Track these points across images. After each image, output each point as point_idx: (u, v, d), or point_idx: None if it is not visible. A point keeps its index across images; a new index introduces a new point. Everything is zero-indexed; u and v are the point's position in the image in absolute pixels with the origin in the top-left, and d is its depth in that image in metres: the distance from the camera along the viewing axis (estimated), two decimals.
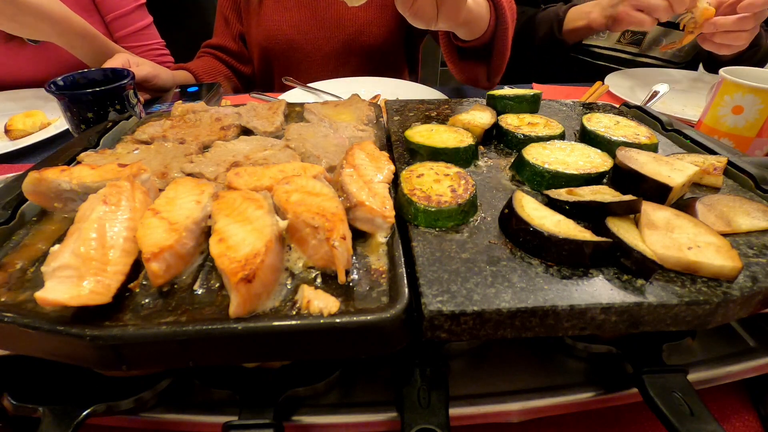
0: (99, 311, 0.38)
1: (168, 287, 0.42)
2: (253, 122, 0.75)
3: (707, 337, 0.55)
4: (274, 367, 0.48)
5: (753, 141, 0.86)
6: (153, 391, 0.45)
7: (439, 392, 0.43)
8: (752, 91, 0.82)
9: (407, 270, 0.43)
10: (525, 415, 0.47)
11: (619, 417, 0.52)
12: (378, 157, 0.58)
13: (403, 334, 0.39)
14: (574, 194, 0.51)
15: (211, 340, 0.37)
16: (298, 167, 0.54)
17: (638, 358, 0.47)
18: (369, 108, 0.81)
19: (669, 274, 0.43)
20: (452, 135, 0.65)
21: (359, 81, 1.38)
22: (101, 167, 0.53)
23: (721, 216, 0.50)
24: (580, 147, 0.62)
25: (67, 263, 0.38)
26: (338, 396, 0.48)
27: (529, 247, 0.45)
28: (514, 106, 0.77)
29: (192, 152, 0.65)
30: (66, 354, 0.38)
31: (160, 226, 0.43)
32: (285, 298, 0.41)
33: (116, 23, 1.41)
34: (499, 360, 0.52)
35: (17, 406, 0.44)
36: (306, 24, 1.47)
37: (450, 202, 0.49)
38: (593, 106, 0.85)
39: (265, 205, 0.45)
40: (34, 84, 1.36)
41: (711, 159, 0.60)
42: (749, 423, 0.51)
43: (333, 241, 0.41)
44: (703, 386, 0.50)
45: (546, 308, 0.39)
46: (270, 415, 0.42)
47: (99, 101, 0.88)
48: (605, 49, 1.60)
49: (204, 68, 1.48)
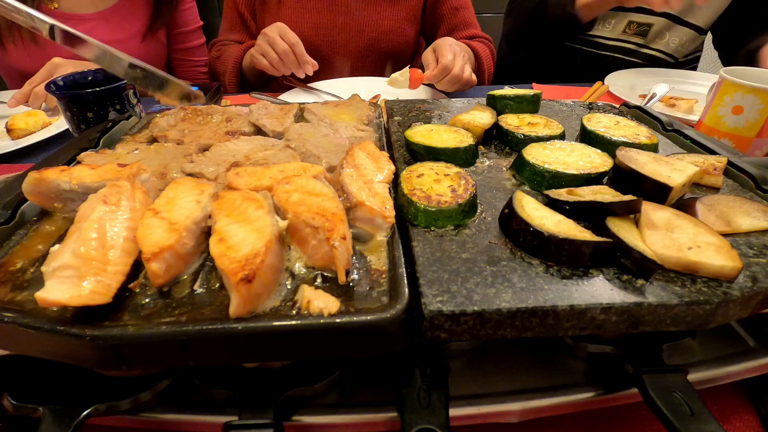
0: (99, 311, 0.38)
1: (168, 287, 0.42)
2: (263, 120, 0.75)
3: (707, 337, 0.55)
4: (274, 367, 0.48)
5: (753, 141, 0.86)
6: (153, 391, 0.45)
7: (439, 392, 0.43)
8: (752, 91, 0.82)
9: (407, 270, 0.43)
10: (525, 415, 0.47)
11: (619, 417, 0.52)
12: (378, 157, 0.58)
13: (403, 334, 0.39)
14: (574, 194, 0.51)
15: (211, 340, 0.37)
16: (298, 167, 0.54)
17: (638, 358, 0.47)
18: (369, 108, 0.81)
19: (669, 274, 0.43)
20: (452, 135, 0.65)
21: (359, 81, 1.38)
22: (101, 167, 0.53)
23: (721, 216, 0.50)
24: (580, 147, 0.62)
25: (67, 263, 0.38)
26: (338, 396, 0.48)
27: (529, 247, 0.45)
28: (514, 106, 0.77)
29: (192, 152, 0.65)
30: (66, 354, 0.38)
31: (160, 226, 0.43)
32: (285, 298, 0.41)
33: (179, 37, 1.64)
34: (499, 360, 0.52)
35: (17, 406, 0.44)
36: (326, 27, 1.49)
37: (450, 202, 0.49)
38: (593, 106, 0.85)
39: (265, 205, 0.45)
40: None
41: (711, 159, 0.60)
42: (749, 423, 0.51)
43: (333, 241, 0.41)
44: (703, 386, 0.50)
45: (546, 308, 0.39)
46: (270, 415, 0.42)
47: (99, 101, 0.88)
48: (610, 40, 1.59)
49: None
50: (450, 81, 1.23)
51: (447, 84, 1.24)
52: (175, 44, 1.64)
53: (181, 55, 1.67)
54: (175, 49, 1.65)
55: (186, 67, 1.69)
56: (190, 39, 1.66)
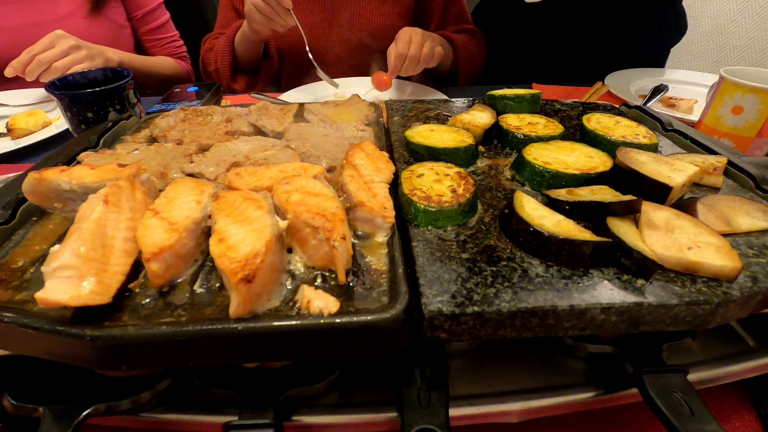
0: (99, 311, 0.38)
1: (168, 287, 0.42)
2: (262, 120, 0.75)
3: (707, 337, 0.54)
4: (274, 367, 0.48)
5: (753, 141, 0.86)
6: (153, 391, 0.45)
7: (439, 392, 0.43)
8: (752, 91, 0.82)
9: (407, 270, 0.43)
10: (525, 415, 0.47)
11: (619, 417, 0.52)
12: (378, 157, 0.58)
13: (403, 334, 0.39)
14: (574, 194, 0.51)
15: (211, 340, 0.37)
16: (298, 167, 0.54)
17: (638, 358, 0.47)
18: (369, 108, 0.81)
19: (669, 274, 0.43)
20: (452, 135, 0.65)
21: (359, 81, 1.39)
22: (101, 167, 0.53)
23: (721, 216, 0.50)
24: (580, 147, 0.62)
25: (67, 263, 0.38)
26: (338, 396, 0.48)
27: (529, 247, 0.45)
28: (514, 106, 0.77)
29: (192, 152, 0.65)
30: (66, 354, 0.38)
31: (160, 226, 0.43)
32: (285, 298, 0.41)
33: (143, 19, 1.62)
34: (499, 360, 0.52)
35: (17, 406, 0.44)
36: (320, 26, 1.49)
37: (450, 202, 0.49)
38: (593, 106, 0.85)
39: (265, 205, 0.45)
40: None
41: (711, 159, 0.60)
42: (749, 423, 0.51)
43: (333, 241, 0.41)
44: (703, 386, 0.50)
45: (546, 308, 0.39)
46: (270, 415, 0.42)
47: (99, 101, 0.88)
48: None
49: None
50: (409, 64, 1.23)
51: (408, 67, 1.23)
52: (142, 26, 1.64)
53: (151, 35, 1.66)
54: (143, 32, 1.65)
55: (160, 47, 1.68)
56: (155, 18, 1.64)
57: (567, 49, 1.49)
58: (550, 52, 1.51)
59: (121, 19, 1.57)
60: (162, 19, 1.67)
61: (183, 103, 1.14)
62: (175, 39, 1.71)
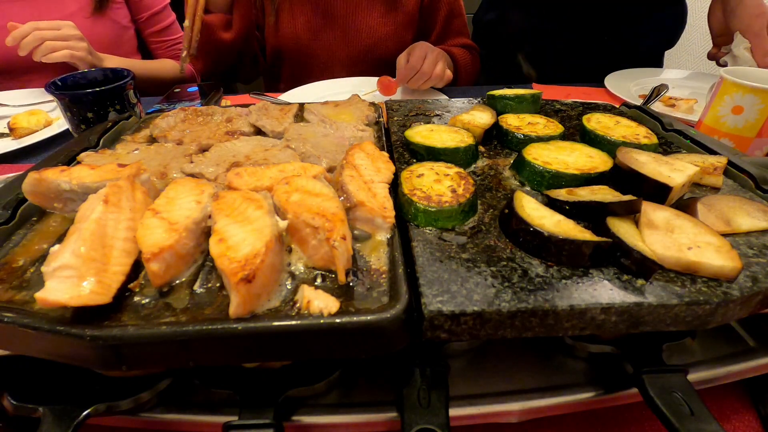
0: (99, 311, 0.38)
1: (168, 287, 0.42)
2: (262, 120, 0.75)
3: (707, 337, 0.54)
4: (274, 367, 0.48)
5: (753, 141, 0.86)
6: (153, 391, 0.45)
7: (439, 392, 0.43)
8: (752, 91, 0.82)
9: (407, 270, 0.43)
10: (525, 415, 0.47)
11: (619, 417, 0.52)
12: (378, 157, 0.58)
13: (403, 334, 0.39)
14: (574, 194, 0.51)
15: (211, 340, 0.37)
16: (298, 167, 0.54)
17: (638, 358, 0.47)
18: (369, 108, 0.81)
19: (669, 274, 0.43)
20: (452, 135, 0.65)
21: (359, 81, 1.39)
22: (101, 167, 0.53)
23: (721, 216, 0.50)
24: (580, 147, 0.62)
25: (67, 263, 0.38)
26: (338, 396, 0.48)
27: (529, 247, 0.45)
28: (514, 106, 0.77)
29: (192, 152, 0.65)
30: (66, 354, 0.38)
31: (160, 226, 0.43)
32: (285, 299, 0.41)
33: (148, 21, 1.62)
34: (499, 360, 0.52)
35: (17, 406, 0.44)
36: (324, 31, 1.49)
37: (450, 202, 0.49)
38: (593, 106, 0.85)
39: (265, 206, 0.45)
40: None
41: (711, 159, 0.60)
42: (749, 423, 0.51)
43: (333, 241, 0.41)
44: (703, 386, 0.50)
45: (546, 308, 0.39)
46: (270, 415, 0.42)
47: (99, 101, 0.88)
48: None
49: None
50: (419, 78, 1.24)
51: (416, 81, 1.25)
52: (147, 28, 1.64)
53: (157, 37, 1.66)
54: (149, 33, 1.65)
55: (164, 48, 1.68)
56: (161, 20, 1.65)
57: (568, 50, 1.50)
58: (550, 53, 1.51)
59: (124, 20, 1.58)
60: (167, 21, 1.67)
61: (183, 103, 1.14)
62: (180, 41, 1.71)
